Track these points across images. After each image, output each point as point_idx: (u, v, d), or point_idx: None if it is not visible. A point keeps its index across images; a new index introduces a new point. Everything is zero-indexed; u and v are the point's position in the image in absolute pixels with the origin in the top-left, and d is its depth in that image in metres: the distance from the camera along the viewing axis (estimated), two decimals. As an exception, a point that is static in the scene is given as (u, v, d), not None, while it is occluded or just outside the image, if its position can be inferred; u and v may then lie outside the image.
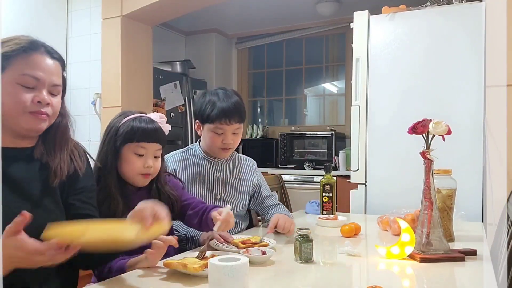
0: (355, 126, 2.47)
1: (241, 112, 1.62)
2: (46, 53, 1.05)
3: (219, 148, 1.65)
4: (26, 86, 1.00)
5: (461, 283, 1.16)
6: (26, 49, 1.01)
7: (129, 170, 1.31)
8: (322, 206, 2.02)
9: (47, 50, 1.06)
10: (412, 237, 1.25)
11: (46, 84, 1.03)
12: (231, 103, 1.60)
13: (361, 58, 2.46)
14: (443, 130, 1.29)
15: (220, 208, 1.33)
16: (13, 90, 0.99)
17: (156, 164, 1.34)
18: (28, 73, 1.00)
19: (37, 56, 1.03)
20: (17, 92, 1.00)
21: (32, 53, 1.02)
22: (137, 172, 1.31)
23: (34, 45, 1.03)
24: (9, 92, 0.99)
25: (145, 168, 1.30)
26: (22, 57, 1.00)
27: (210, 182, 1.69)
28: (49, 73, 1.04)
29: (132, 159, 1.30)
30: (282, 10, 4.44)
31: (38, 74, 1.01)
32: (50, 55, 1.06)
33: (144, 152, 1.30)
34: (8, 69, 0.99)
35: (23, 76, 1.00)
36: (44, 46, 1.06)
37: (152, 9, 3.21)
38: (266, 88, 5.31)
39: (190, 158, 1.71)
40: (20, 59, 1.00)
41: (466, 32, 2.24)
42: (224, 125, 1.60)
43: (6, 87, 0.99)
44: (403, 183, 2.25)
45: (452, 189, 1.54)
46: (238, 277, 0.90)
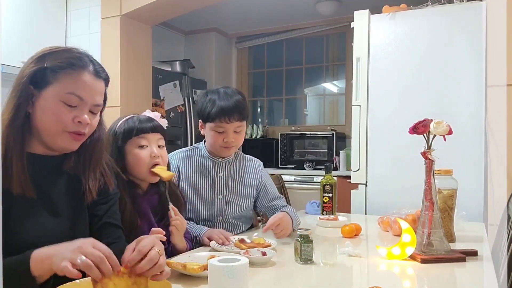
0: (355, 126, 2.46)
1: (242, 110, 1.61)
2: (94, 72, 1.01)
3: (221, 146, 1.64)
4: (69, 105, 0.97)
5: (462, 284, 1.16)
6: (74, 66, 0.97)
7: (138, 165, 1.30)
8: (322, 207, 2.01)
9: (95, 69, 1.02)
10: (413, 237, 1.25)
11: (89, 104, 1.00)
12: (231, 101, 1.59)
13: (361, 57, 2.45)
14: (444, 130, 1.28)
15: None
16: (56, 108, 0.96)
17: (162, 153, 1.34)
18: (73, 92, 0.97)
19: (84, 75, 0.99)
20: (60, 110, 0.96)
21: (80, 70, 0.98)
22: (146, 164, 1.30)
23: (83, 62, 0.99)
24: (51, 109, 0.96)
25: (152, 158, 1.30)
26: (69, 73, 0.97)
27: (213, 182, 1.68)
28: (93, 93, 1.00)
29: (137, 153, 1.30)
30: (282, 9, 4.43)
31: (83, 94, 0.98)
32: (97, 74, 1.02)
33: (147, 143, 1.31)
34: (53, 85, 0.96)
35: (68, 95, 0.96)
36: (93, 64, 1.02)
37: (151, 8, 3.20)
38: (266, 88, 5.30)
39: (195, 157, 1.70)
40: (67, 76, 0.97)
41: (466, 32, 2.23)
42: (225, 123, 1.59)
43: (49, 104, 0.96)
44: (404, 183, 2.24)
45: (453, 189, 1.53)
46: (238, 278, 0.89)
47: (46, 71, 0.96)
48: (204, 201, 1.65)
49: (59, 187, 1.04)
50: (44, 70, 0.96)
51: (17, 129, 0.95)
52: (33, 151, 1.00)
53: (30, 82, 0.96)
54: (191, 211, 1.63)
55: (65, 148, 1.02)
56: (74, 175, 1.06)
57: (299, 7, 4.33)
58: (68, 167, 1.05)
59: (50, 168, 1.04)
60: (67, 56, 0.98)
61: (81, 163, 1.07)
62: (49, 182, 1.03)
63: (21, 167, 0.94)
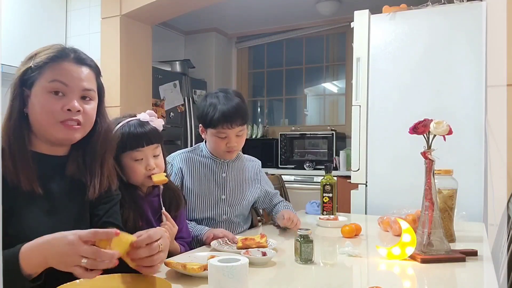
0: (355, 126, 2.46)
1: (243, 114, 1.61)
2: (76, 60, 1.03)
3: (224, 151, 1.64)
4: (56, 93, 0.99)
5: (462, 284, 1.16)
6: (55, 58, 1.00)
7: (134, 177, 1.30)
8: (322, 207, 2.01)
9: (78, 56, 1.04)
10: (413, 237, 1.25)
11: (76, 90, 1.02)
12: (232, 106, 1.58)
13: (361, 57, 2.45)
14: (444, 130, 1.28)
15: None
16: (43, 100, 0.99)
17: (158, 162, 1.33)
18: (56, 79, 0.99)
19: (65, 64, 1.01)
20: (48, 101, 0.99)
21: (60, 61, 1.01)
22: (142, 176, 1.30)
23: (63, 53, 1.02)
24: (40, 103, 0.99)
25: (148, 171, 1.30)
26: (51, 66, 1.00)
27: (216, 182, 1.68)
28: (78, 79, 1.02)
29: (133, 166, 1.29)
30: (282, 9, 4.43)
31: (66, 79, 1.00)
32: (80, 62, 1.04)
33: (142, 156, 1.29)
34: (39, 80, 0.99)
35: (52, 82, 0.99)
36: (75, 52, 1.04)
37: (151, 8, 3.20)
38: (266, 88, 5.30)
39: (196, 158, 1.70)
40: (50, 68, 1.00)
41: (466, 32, 2.23)
42: (227, 129, 1.58)
43: (38, 98, 0.99)
44: (404, 183, 2.24)
45: (453, 189, 1.53)
46: (238, 278, 0.89)
47: (32, 69, 0.99)
48: (208, 201, 1.66)
49: (63, 187, 1.05)
50: (30, 69, 1.00)
51: (17, 130, 0.98)
52: (38, 150, 1.02)
53: (21, 83, 1.00)
54: (196, 211, 1.64)
55: (63, 138, 1.02)
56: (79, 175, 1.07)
57: (299, 7, 4.33)
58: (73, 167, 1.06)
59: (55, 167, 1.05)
60: (50, 51, 1.02)
61: (85, 158, 1.08)
62: (54, 181, 1.04)
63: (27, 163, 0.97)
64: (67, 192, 1.06)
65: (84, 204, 1.08)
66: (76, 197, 1.07)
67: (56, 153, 1.06)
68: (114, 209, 1.15)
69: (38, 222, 0.98)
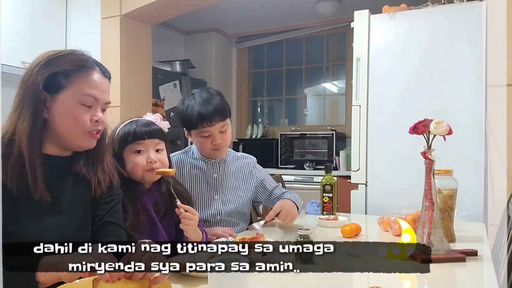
0: (355, 126, 2.46)
1: (221, 110, 1.59)
2: (101, 72, 1.05)
3: (211, 149, 1.65)
4: (86, 106, 1.01)
5: (462, 284, 1.16)
6: (84, 68, 1.01)
7: (134, 169, 1.30)
8: (322, 207, 2.01)
9: (101, 68, 1.06)
10: (413, 237, 1.24)
11: (102, 103, 1.04)
12: (209, 103, 1.58)
13: (361, 57, 2.45)
14: (444, 130, 1.28)
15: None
16: (75, 111, 1.00)
17: (160, 157, 1.33)
18: (89, 93, 1.00)
19: (94, 75, 1.03)
20: (79, 112, 1.00)
21: (90, 71, 1.02)
22: (143, 169, 1.30)
23: (90, 63, 1.03)
24: (70, 113, 0.99)
25: (148, 164, 1.29)
26: (81, 75, 1.00)
27: (208, 183, 1.69)
28: (104, 92, 1.05)
29: (134, 158, 1.29)
30: (282, 9, 4.43)
31: (97, 94, 1.02)
32: (103, 74, 1.06)
33: (143, 148, 1.30)
34: (68, 88, 0.99)
35: (85, 96, 1.00)
36: (98, 65, 1.06)
37: (151, 8, 3.20)
38: (266, 88, 5.30)
39: (188, 160, 1.71)
40: (80, 78, 1.00)
41: (466, 32, 2.23)
42: (207, 127, 1.58)
43: (68, 107, 0.99)
44: (404, 183, 2.24)
45: (453, 189, 1.53)
46: (238, 278, 0.89)
47: (58, 76, 0.99)
48: (201, 203, 1.66)
49: (68, 187, 1.06)
50: (56, 75, 0.99)
51: (36, 135, 0.98)
52: (46, 152, 1.03)
53: (44, 88, 0.98)
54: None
55: (84, 147, 1.05)
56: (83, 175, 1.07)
57: (299, 7, 4.33)
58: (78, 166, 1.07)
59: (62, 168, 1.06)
60: (74, 59, 1.02)
61: (90, 158, 1.09)
62: (60, 182, 1.05)
63: (41, 174, 0.97)
64: (71, 193, 1.06)
65: (87, 205, 1.09)
66: (80, 198, 1.07)
67: (63, 154, 1.06)
68: (115, 208, 1.15)
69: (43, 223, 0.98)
